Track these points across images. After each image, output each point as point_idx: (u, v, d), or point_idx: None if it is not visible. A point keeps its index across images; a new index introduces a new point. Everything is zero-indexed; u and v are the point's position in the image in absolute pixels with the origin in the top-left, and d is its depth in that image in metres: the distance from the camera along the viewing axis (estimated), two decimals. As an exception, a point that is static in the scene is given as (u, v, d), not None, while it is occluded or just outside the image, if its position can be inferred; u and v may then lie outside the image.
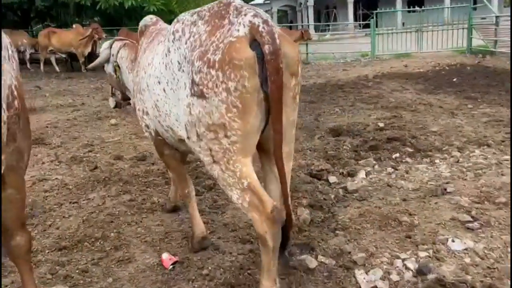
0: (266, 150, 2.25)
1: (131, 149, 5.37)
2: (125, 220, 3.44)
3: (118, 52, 3.66)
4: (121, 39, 3.88)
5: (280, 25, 30.19)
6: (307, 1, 29.85)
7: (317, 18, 32.31)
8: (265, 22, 1.95)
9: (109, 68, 3.82)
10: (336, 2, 29.86)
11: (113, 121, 6.91)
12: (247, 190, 2.06)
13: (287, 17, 40.35)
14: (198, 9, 2.27)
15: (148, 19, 3.32)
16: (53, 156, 5.11)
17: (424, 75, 10.78)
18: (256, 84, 1.95)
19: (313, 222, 3.30)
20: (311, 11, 30.08)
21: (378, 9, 31.62)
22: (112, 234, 3.21)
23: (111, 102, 4.13)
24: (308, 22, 30.34)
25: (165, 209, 3.60)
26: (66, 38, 14.97)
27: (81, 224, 3.38)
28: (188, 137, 2.22)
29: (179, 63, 2.18)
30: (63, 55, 15.66)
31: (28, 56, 16.55)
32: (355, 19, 29.70)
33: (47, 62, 15.52)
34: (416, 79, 10.12)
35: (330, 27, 27.84)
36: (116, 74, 3.69)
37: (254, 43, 1.94)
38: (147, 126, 2.84)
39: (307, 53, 16.16)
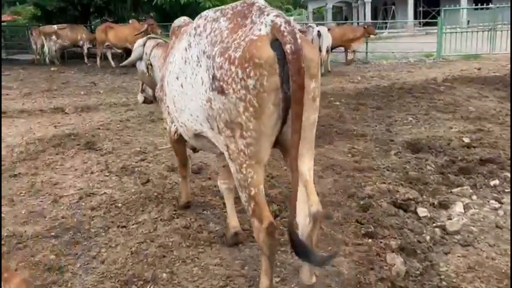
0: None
1: (185, 159, 4.89)
2: (179, 254, 2.91)
3: (151, 50, 3.67)
4: (154, 38, 3.89)
5: (335, 22, 29.20)
6: (367, -3, 28.60)
7: (374, 15, 30.89)
8: (287, 22, 1.93)
9: (141, 66, 3.81)
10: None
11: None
12: (252, 198, 2.12)
13: (341, 14, 39.00)
14: (222, 6, 2.27)
15: (182, 19, 3.30)
16: (104, 165, 4.70)
17: (502, 79, 9.62)
18: (275, 84, 1.93)
19: (409, 275, 2.62)
20: (368, 8, 28.73)
21: (441, 6, 29.94)
22: (164, 274, 2.68)
23: (140, 98, 4.21)
24: (364, 19, 29.05)
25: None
26: (122, 33, 14.88)
27: (129, 258, 2.88)
28: (212, 129, 2.24)
29: (198, 58, 2.19)
30: (119, 50, 15.61)
31: (86, 51, 16.66)
32: (415, 17, 28.05)
33: (103, 57, 15.54)
34: (494, 85, 9.03)
35: (388, 25, 26.44)
36: (148, 71, 3.70)
37: (275, 43, 1.93)
38: (170, 121, 2.98)
39: (366, 52, 15.21)
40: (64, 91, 9.89)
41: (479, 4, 27.47)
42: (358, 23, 23.76)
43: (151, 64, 3.65)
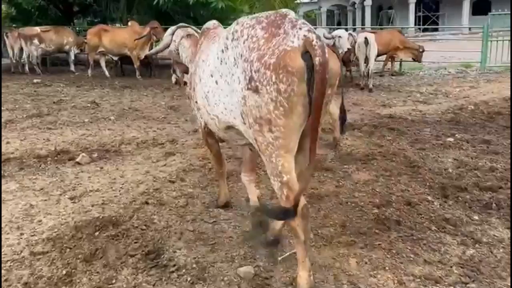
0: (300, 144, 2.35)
1: None
2: None
3: (180, 40, 3.65)
4: (185, 27, 3.77)
5: (327, 26, 27.05)
6: (364, 0, 26.53)
7: (367, 19, 28.98)
8: (318, 37, 2.14)
9: (170, 47, 3.74)
10: (394, 2, 26.55)
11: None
12: (285, 184, 2.27)
13: (333, 18, 36.72)
14: (257, 15, 2.42)
15: (211, 23, 3.39)
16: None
17: None
18: (303, 89, 2.14)
19: None
20: (368, 11, 26.76)
21: (440, 10, 28.43)
22: None
23: (173, 79, 4.06)
24: (362, 24, 27.11)
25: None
26: (120, 37, 12.19)
27: None
28: (244, 123, 2.38)
29: (235, 60, 2.34)
30: (115, 58, 12.89)
31: (73, 57, 13.84)
32: (415, 22, 26.30)
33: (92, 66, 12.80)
34: None
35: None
36: (176, 53, 3.70)
37: (305, 54, 2.12)
38: (200, 116, 3.13)
39: (400, 61, 13.06)
40: (60, 117, 7.20)
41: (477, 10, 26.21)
42: (354, 29, 21.79)
43: (178, 53, 3.69)
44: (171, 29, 3.79)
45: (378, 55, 10.85)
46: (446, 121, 6.75)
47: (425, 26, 24.74)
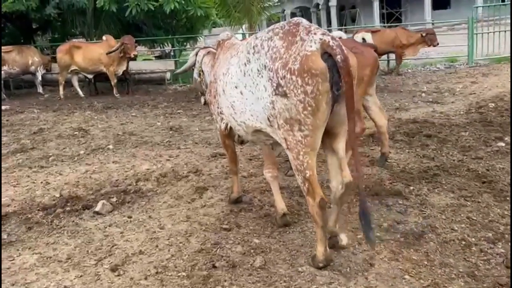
0: (332, 134, 2.62)
1: None
2: None
3: (202, 58, 3.98)
4: (205, 48, 4.11)
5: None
6: (329, 1, 26.26)
7: (330, 20, 28.79)
8: (333, 38, 2.36)
9: (194, 74, 4.17)
10: (357, 1, 26.43)
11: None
12: (307, 180, 2.53)
13: (296, 20, 36.03)
14: (271, 27, 2.62)
15: (225, 34, 3.65)
16: None
17: None
18: (327, 88, 2.35)
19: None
20: (334, 12, 26.50)
21: (403, 7, 28.66)
22: None
23: (202, 100, 4.32)
24: (327, 26, 26.88)
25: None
26: (95, 53, 11.07)
27: None
28: (271, 126, 2.61)
29: (258, 71, 2.56)
30: (90, 76, 11.72)
31: (39, 78, 12.52)
32: (380, 19, 26.32)
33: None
34: None
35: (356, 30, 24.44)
36: (200, 77, 4.04)
37: (324, 55, 2.33)
38: (220, 120, 3.44)
39: (387, 60, 12.71)
40: (48, 150, 6.15)
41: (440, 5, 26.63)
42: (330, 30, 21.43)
43: (202, 71, 4.00)
44: (194, 51, 4.22)
45: (382, 53, 10.37)
46: (477, 122, 6.27)
47: (390, 24, 24.81)
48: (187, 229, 3.44)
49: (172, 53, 16.52)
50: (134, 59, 11.64)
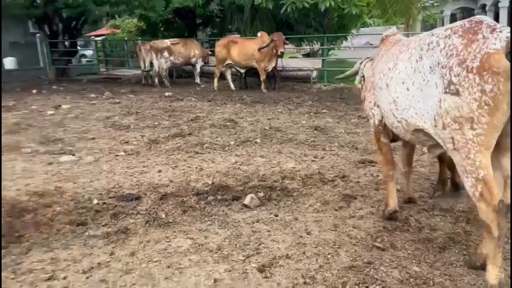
0: (498, 145, 2.36)
1: None
2: None
3: (364, 64, 3.99)
4: (370, 58, 4.00)
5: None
6: (499, 1, 23.17)
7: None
8: None
9: (356, 80, 4.15)
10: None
11: None
12: (481, 180, 2.30)
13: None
14: (450, 25, 2.52)
15: (390, 31, 3.63)
16: None
17: None
18: (509, 88, 2.16)
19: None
20: (503, 13, 23.33)
21: None
22: None
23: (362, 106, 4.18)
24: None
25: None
26: (249, 49, 11.54)
27: None
28: (435, 126, 2.49)
29: (431, 68, 2.48)
30: (242, 70, 12.30)
31: (198, 70, 13.59)
32: None
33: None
34: None
35: None
36: (361, 83, 4.00)
37: (508, 54, 2.15)
38: (373, 115, 3.41)
39: None
40: (203, 137, 6.53)
41: None
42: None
43: (363, 76, 3.94)
44: (359, 61, 4.18)
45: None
46: None
47: None
48: (335, 240, 3.20)
49: (320, 52, 16.42)
50: (281, 56, 11.81)
